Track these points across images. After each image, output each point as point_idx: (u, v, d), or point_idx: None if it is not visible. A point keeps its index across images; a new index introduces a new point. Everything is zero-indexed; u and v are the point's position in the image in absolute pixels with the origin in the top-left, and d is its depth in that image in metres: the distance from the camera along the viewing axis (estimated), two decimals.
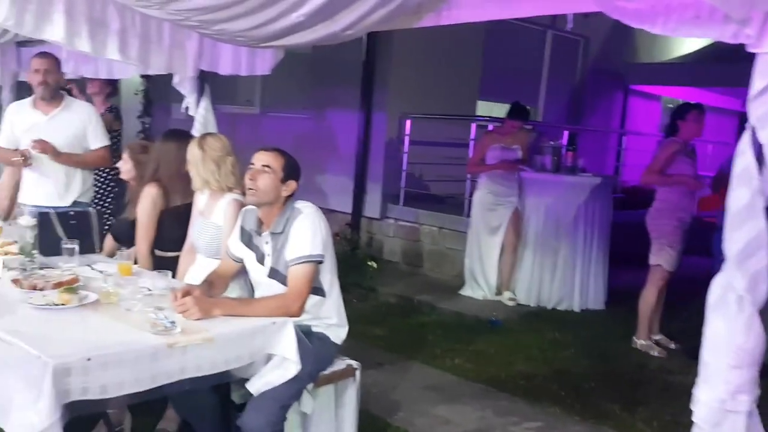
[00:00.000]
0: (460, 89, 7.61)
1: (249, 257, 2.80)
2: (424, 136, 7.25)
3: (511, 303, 5.89)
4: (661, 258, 4.74)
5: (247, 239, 2.81)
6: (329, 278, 2.79)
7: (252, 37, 3.17)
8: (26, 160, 3.93)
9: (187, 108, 4.06)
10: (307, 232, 2.62)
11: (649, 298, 4.89)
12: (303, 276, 2.60)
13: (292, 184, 2.71)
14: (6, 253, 3.02)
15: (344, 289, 5.92)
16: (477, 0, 2.84)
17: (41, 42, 4.93)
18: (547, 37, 9.20)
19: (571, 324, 5.55)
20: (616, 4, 2.32)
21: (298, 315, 2.61)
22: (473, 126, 7.04)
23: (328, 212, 7.84)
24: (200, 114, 3.97)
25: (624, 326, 5.24)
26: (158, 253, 3.45)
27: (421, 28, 3.27)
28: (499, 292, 6.02)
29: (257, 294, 2.84)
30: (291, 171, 2.71)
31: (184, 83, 3.97)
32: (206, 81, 4.09)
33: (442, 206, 7.15)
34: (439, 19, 3.05)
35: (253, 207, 2.77)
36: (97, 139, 4.14)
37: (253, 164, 2.70)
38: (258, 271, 2.78)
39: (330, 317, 2.82)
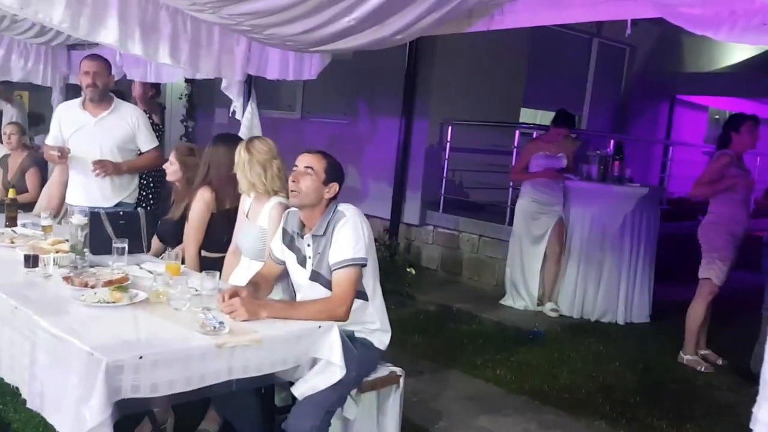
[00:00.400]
0: (503, 96, 7.54)
1: (290, 259, 2.79)
2: (466, 142, 7.20)
3: (553, 314, 5.80)
4: (711, 272, 4.61)
5: (288, 241, 2.80)
6: (372, 282, 2.76)
7: (302, 41, 3.19)
8: (62, 156, 3.99)
9: (233, 112, 4.09)
10: (350, 236, 2.59)
11: (697, 312, 4.75)
12: (348, 280, 2.58)
13: (334, 187, 2.70)
14: (57, 251, 3.07)
15: (383, 295, 5.95)
16: (531, 4, 2.80)
17: (91, 45, 5.07)
18: (593, 45, 9.08)
19: (615, 337, 5.43)
20: (678, 10, 2.26)
21: (344, 319, 2.59)
22: (517, 133, 6.96)
23: (367, 218, 7.89)
24: (246, 118, 4.01)
25: (669, 340, 5.13)
26: (204, 253, 3.49)
27: (465, 34, 3.24)
28: (541, 303, 5.93)
29: (299, 297, 2.82)
30: (333, 173, 2.70)
31: (232, 87, 4.01)
32: (253, 85, 4.13)
33: (482, 214, 7.08)
34: (491, 23, 3.02)
35: (296, 209, 2.76)
36: (147, 142, 4.20)
37: (296, 166, 2.70)
38: (299, 274, 2.77)
39: (373, 322, 2.79)
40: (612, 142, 7.15)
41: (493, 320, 5.63)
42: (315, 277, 2.68)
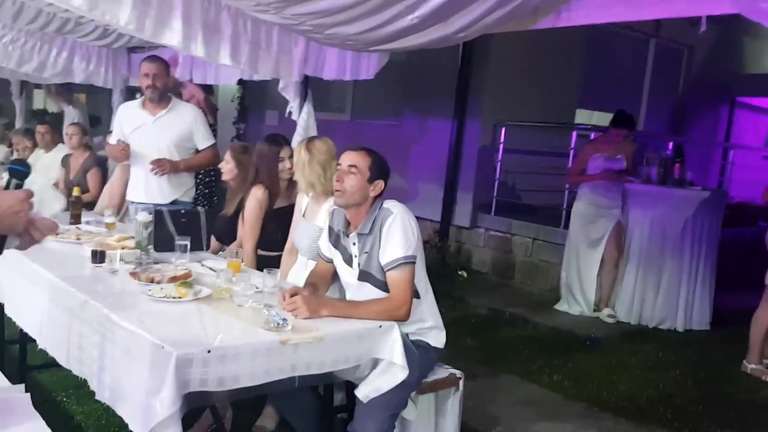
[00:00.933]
0: (558, 97, 7.41)
1: (337, 258, 2.76)
2: (519, 144, 7.10)
3: (610, 320, 5.65)
4: None
5: (334, 240, 2.76)
6: (423, 279, 2.70)
7: (363, 40, 3.19)
8: (123, 152, 4.07)
9: (289, 113, 4.12)
10: (400, 234, 2.53)
11: (762, 320, 4.57)
12: (403, 279, 2.53)
13: (379, 184, 2.63)
14: (123, 248, 3.13)
15: (434, 298, 5.90)
16: (601, 1, 2.73)
17: (151, 47, 5.19)
18: (650, 45, 8.86)
19: (674, 344, 5.26)
20: (759, 5, 2.17)
21: (405, 318, 2.56)
22: (574, 134, 6.83)
23: (416, 220, 7.84)
24: (302, 119, 4.03)
25: (732, 349, 4.94)
26: (261, 252, 3.52)
27: (519, 34, 3.18)
28: (597, 309, 5.79)
29: (348, 296, 2.78)
30: (378, 170, 2.63)
31: (289, 88, 4.05)
32: (309, 86, 4.15)
33: (536, 217, 6.95)
34: (557, 20, 2.96)
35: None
36: (204, 140, 4.26)
37: (340, 165, 2.65)
38: (347, 273, 2.73)
39: (426, 320, 2.72)
40: (671, 144, 6.96)
41: (548, 325, 5.53)
42: (365, 277, 2.64)
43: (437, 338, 2.75)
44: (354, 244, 2.65)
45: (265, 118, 9.04)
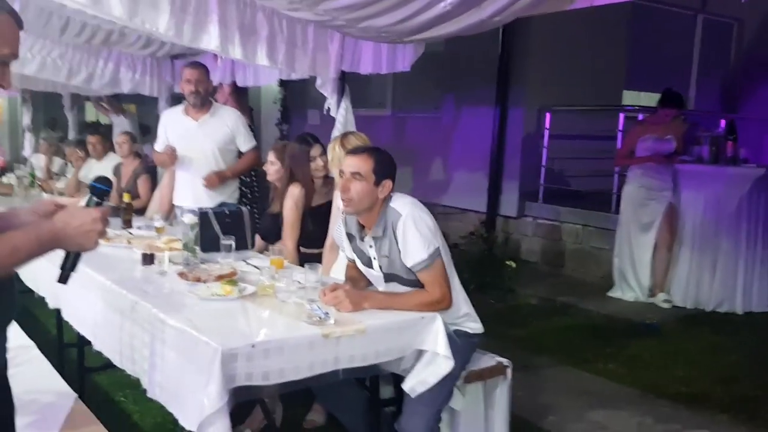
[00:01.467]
0: (603, 79, 7.24)
1: (357, 261, 2.73)
2: (565, 129, 6.97)
3: (666, 305, 5.50)
4: None
5: (352, 243, 2.72)
6: (447, 262, 2.61)
7: (397, 31, 3.18)
8: (170, 157, 4.16)
9: (328, 109, 4.14)
10: (416, 235, 2.45)
11: None
12: (436, 274, 2.49)
13: (387, 184, 2.53)
14: (171, 249, 3.21)
15: (480, 289, 5.86)
16: None
17: (193, 54, 5.29)
18: (698, 21, 8.56)
19: (733, 327, 5.09)
20: None
21: (448, 307, 2.54)
22: (621, 116, 6.66)
23: (461, 212, 7.73)
24: (341, 114, 4.04)
25: None
26: (303, 249, 3.55)
27: (560, 15, 3.11)
28: (652, 294, 5.65)
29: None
30: (383, 170, 2.52)
31: (326, 85, 4.06)
32: (346, 82, 4.16)
33: (585, 203, 6.81)
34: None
35: None
36: (246, 142, 4.32)
37: (343, 172, 2.55)
38: (370, 274, 2.69)
39: (460, 307, 2.66)
40: (723, 122, 6.72)
41: (602, 313, 5.42)
42: (391, 278, 2.60)
43: (474, 324, 2.71)
44: (371, 246, 2.60)
45: (307, 117, 9.12)
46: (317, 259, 3.38)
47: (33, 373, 2.58)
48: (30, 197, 5.59)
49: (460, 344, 2.58)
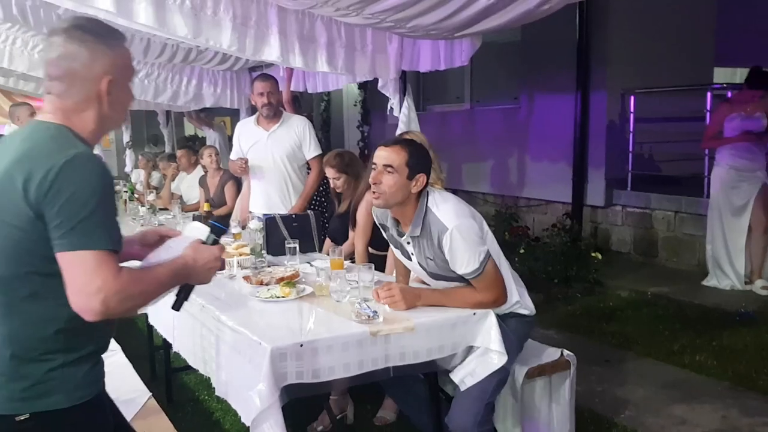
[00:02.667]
0: (691, 56, 6.83)
1: (397, 252, 2.70)
2: (652, 111, 6.64)
3: (764, 292, 5.15)
4: None
5: (389, 236, 2.69)
6: (496, 252, 2.56)
7: (445, 27, 3.17)
8: (243, 166, 4.33)
9: (391, 109, 4.18)
10: (465, 247, 2.37)
11: None
12: (489, 279, 2.44)
13: (421, 178, 2.43)
14: (240, 254, 3.36)
15: (566, 282, 5.71)
16: None
17: (268, 66, 5.49)
18: None
19: None
20: None
21: (502, 304, 2.53)
22: (709, 95, 6.28)
23: (545, 203, 7.54)
24: (404, 113, 4.07)
25: None
26: (372, 251, 3.61)
27: None
28: (749, 281, 5.31)
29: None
30: (418, 164, 2.42)
31: (388, 86, 4.11)
32: (408, 81, 4.19)
33: (676, 188, 6.47)
34: None
35: None
36: (313, 149, 4.38)
37: (375, 164, 2.47)
38: (412, 267, 2.65)
39: (512, 293, 2.60)
40: None
41: (694, 303, 5.15)
42: (438, 277, 2.56)
43: (527, 305, 2.65)
44: (408, 243, 2.56)
45: (387, 117, 9.20)
46: (385, 259, 3.44)
47: (116, 375, 2.78)
48: (129, 210, 5.98)
49: (513, 332, 2.55)
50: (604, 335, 4.62)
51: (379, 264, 3.33)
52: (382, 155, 2.46)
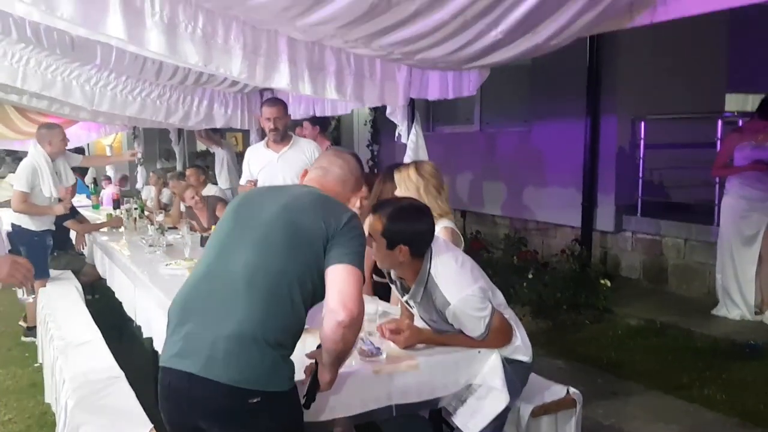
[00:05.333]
0: (702, 82, 6.79)
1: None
2: (663, 137, 6.61)
3: None
4: None
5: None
6: (499, 303, 2.55)
7: (453, 60, 3.18)
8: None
9: (398, 136, 4.19)
10: (470, 318, 2.36)
11: None
12: (495, 333, 2.42)
13: (403, 250, 2.33)
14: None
15: (574, 308, 5.66)
16: None
17: (277, 89, 5.50)
18: None
19: None
20: None
21: (508, 344, 2.50)
22: (719, 123, 6.25)
23: (554, 227, 7.48)
24: (411, 140, 4.08)
25: None
26: (376, 278, 3.60)
27: None
28: (759, 312, 5.23)
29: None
30: (395, 236, 2.32)
31: (396, 113, 4.12)
32: (417, 102, 4.19)
33: (686, 215, 6.42)
34: (654, 15, 2.78)
35: None
36: None
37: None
38: (417, 321, 2.63)
39: (516, 335, 2.55)
40: None
41: (704, 333, 5.08)
42: (442, 331, 2.51)
43: (526, 351, 2.59)
44: (412, 306, 2.54)
45: (395, 138, 9.24)
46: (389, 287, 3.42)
47: (118, 402, 2.78)
48: (139, 229, 6.01)
49: (512, 372, 2.52)
50: (612, 366, 4.58)
51: (385, 291, 3.33)
52: (368, 221, 2.43)
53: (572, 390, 2.81)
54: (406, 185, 3.14)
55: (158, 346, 3.43)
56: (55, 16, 2.79)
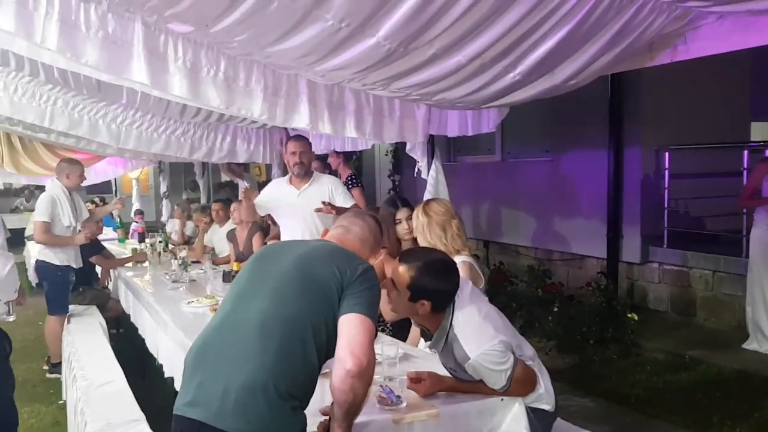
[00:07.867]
0: (726, 112, 6.72)
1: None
2: (688, 167, 6.52)
3: None
4: None
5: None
6: (515, 347, 2.46)
7: (471, 101, 3.18)
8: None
9: (419, 171, 4.19)
10: (490, 373, 2.32)
11: None
12: (518, 384, 2.36)
13: (425, 306, 2.30)
14: None
15: (601, 343, 5.56)
16: (717, 30, 2.50)
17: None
18: None
19: None
20: None
21: (532, 392, 2.45)
22: (745, 153, 6.15)
23: (578, 258, 7.36)
24: (431, 176, 4.07)
25: None
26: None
27: None
28: None
29: None
30: (421, 291, 2.29)
31: (416, 149, 4.12)
32: (437, 138, 4.19)
33: (714, 246, 6.30)
34: (674, 55, 2.77)
35: None
36: (344, 202, 4.39)
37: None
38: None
39: (539, 383, 2.49)
40: None
41: (734, 368, 4.96)
42: (464, 378, 2.44)
43: (549, 399, 2.52)
44: (434, 353, 2.53)
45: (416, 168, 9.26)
46: (404, 323, 3.38)
47: None
48: (163, 263, 6.04)
49: (536, 422, 2.46)
50: (641, 404, 4.47)
51: (399, 328, 3.32)
52: (393, 267, 2.36)
53: None
54: (415, 223, 3.24)
55: (178, 386, 3.44)
56: (80, 62, 2.86)
